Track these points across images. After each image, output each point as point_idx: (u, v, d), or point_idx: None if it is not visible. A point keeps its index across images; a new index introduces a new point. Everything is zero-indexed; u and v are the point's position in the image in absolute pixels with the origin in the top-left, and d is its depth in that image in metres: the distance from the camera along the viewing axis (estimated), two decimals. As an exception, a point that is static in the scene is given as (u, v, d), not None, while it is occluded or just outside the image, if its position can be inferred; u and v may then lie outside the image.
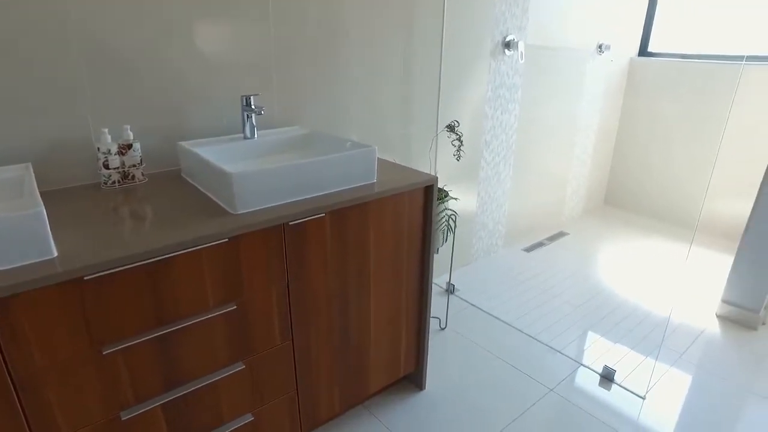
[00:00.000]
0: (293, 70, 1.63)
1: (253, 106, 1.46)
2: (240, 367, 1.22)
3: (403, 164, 1.90)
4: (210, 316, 1.12)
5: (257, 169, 1.15)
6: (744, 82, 2.88)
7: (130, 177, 1.34)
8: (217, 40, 1.47)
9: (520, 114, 2.63)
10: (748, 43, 2.91)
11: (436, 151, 2.12)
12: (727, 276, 2.30)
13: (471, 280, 2.55)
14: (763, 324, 2.28)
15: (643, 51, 3.28)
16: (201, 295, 1.09)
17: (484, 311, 2.28)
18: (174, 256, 1.02)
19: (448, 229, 1.86)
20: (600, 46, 2.95)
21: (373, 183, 1.38)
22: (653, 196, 3.43)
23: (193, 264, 1.05)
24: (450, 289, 2.37)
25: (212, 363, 1.17)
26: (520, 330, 2.15)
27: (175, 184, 1.36)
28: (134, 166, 1.34)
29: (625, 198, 3.58)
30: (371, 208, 1.34)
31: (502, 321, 2.21)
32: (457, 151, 1.86)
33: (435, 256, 1.70)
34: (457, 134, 1.81)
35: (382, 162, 1.59)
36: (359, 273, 1.39)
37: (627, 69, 3.30)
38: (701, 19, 3.05)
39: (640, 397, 1.80)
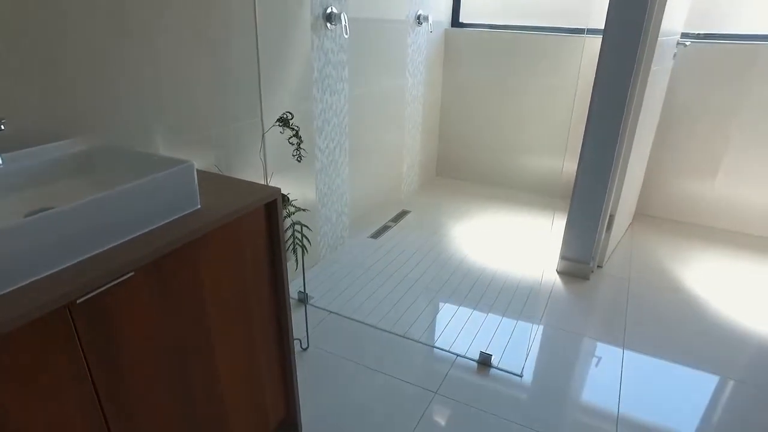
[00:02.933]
0: (58, 62, 1.14)
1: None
2: None
3: (228, 174, 1.54)
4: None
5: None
6: (550, 49, 3.09)
7: None
8: None
9: (350, 93, 2.42)
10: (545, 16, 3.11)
11: (264, 153, 1.78)
12: (563, 233, 2.44)
13: (323, 283, 2.30)
14: (592, 272, 2.49)
15: (456, 22, 3.31)
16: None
17: (344, 317, 2.06)
18: None
19: (298, 246, 1.57)
20: (419, 17, 2.86)
21: (197, 210, 1.02)
22: (480, 163, 3.56)
23: None
24: (304, 299, 2.09)
25: None
26: (386, 331, 1.99)
27: None
28: None
29: (455, 167, 3.67)
30: (200, 246, 0.98)
31: (367, 324, 2.02)
32: (297, 149, 1.55)
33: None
34: (293, 129, 1.50)
35: (203, 176, 1.21)
36: (196, 331, 1.03)
37: (443, 39, 3.31)
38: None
39: (518, 375, 1.77)
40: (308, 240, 1.64)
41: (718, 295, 2.33)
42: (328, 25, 2.11)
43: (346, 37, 2.22)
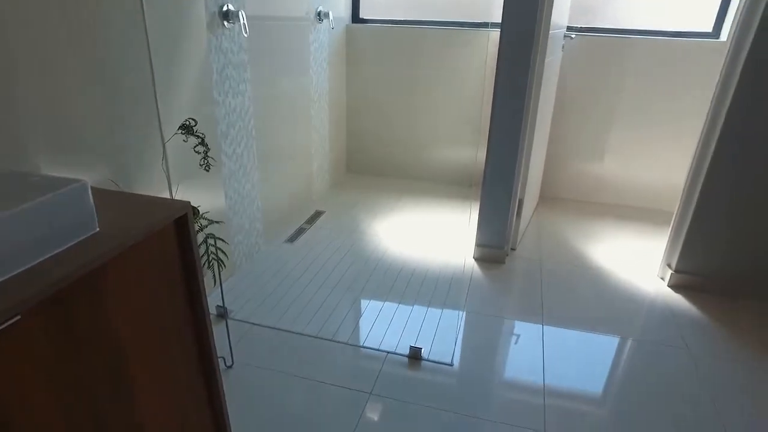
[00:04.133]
0: None
1: None
2: None
3: (129, 190, 1.40)
4: None
5: None
6: (456, 43, 3.17)
7: None
8: None
9: (254, 94, 2.31)
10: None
11: (167, 164, 1.64)
12: (477, 221, 2.52)
13: (242, 294, 2.19)
14: (507, 256, 2.60)
15: (356, 17, 3.29)
16: None
17: (268, 327, 1.98)
18: None
19: (214, 260, 1.46)
20: (319, 14, 2.80)
21: (96, 234, 0.90)
22: (391, 158, 3.59)
23: None
24: (223, 314, 1.97)
25: None
26: (313, 336, 1.93)
27: None
28: None
29: (367, 163, 3.66)
30: (102, 274, 0.87)
31: (292, 332, 1.95)
32: (204, 158, 1.44)
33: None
34: (198, 137, 1.39)
35: (100, 194, 1.08)
36: (107, 372, 0.92)
37: (345, 36, 3.28)
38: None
39: (448, 364, 1.80)
40: (225, 253, 1.54)
41: (616, 264, 2.53)
42: (226, 23, 2.00)
43: (245, 36, 2.12)
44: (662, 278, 2.44)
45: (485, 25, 3.08)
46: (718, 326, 2.09)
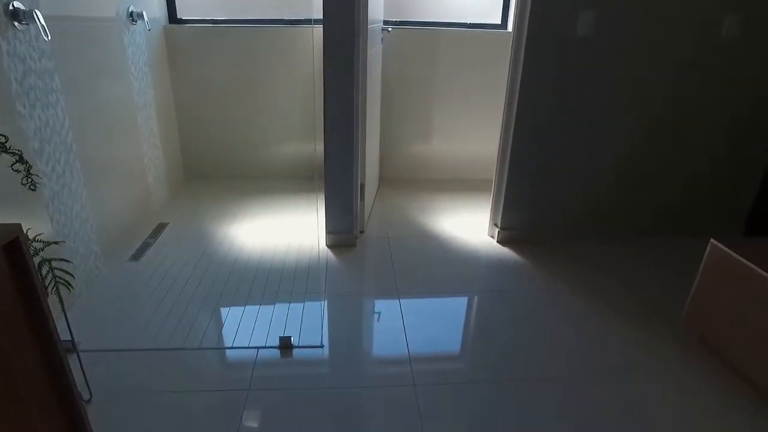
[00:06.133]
0: None
1: None
2: None
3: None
4: None
5: None
6: (283, 40, 3.20)
7: None
8: None
9: (68, 106, 2.10)
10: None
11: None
12: (324, 210, 2.63)
13: (89, 323, 2.01)
14: (357, 239, 2.76)
15: (174, 18, 3.14)
16: None
17: (126, 350, 1.86)
18: None
19: (61, 284, 1.33)
20: (132, 14, 2.62)
21: None
22: (231, 160, 3.52)
23: None
24: (72, 347, 1.79)
25: None
26: (178, 348, 1.87)
27: None
28: None
29: (206, 169, 3.54)
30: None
31: (153, 350, 1.86)
32: (27, 176, 1.29)
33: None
34: (13, 154, 1.24)
35: None
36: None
37: (164, 37, 3.11)
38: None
39: (319, 346, 1.89)
40: (71, 275, 1.42)
41: (453, 231, 2.86)
42: (17, 24, 1.79)
43: (47, 39, 1.92)
44: (492, 236, 2.82)
45: (308, 21, 3.18)
46: (540, 269, 2.51)
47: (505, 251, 2.68)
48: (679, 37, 2.39)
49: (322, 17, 2.20)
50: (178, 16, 3.16)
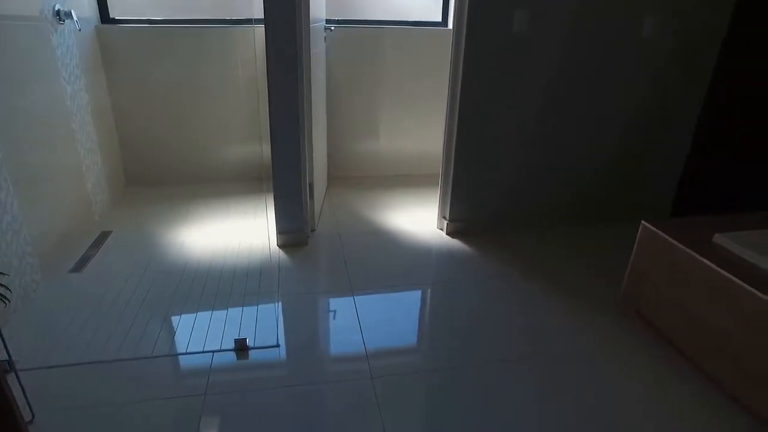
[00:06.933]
0: None
1: None
2: None
3: None
4: None
5: None
6: (224, 40, 3.13)
7: None
8: None
9: (-6, 111, 1.99)
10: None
11: None
12: (274, 210, 2.61)
13: (28, 340, 1.91)
14: (309, 237, 2.76)
15: (106, 17, 3.01)
16: None
17: (72, 365, 1.78)
18: None
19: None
20: (58, 13, 2.49)
21: None
22: (176, 164, 3.42)
23: None
24: (9, 367, 1.70)
25: None
26: (128, 359, 1.81)
27: None
28: None
29: (148, 174, 3.42)
30: None
31: (101, 362, 1.79)
32: None
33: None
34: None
35: None
36: None
37: (96, 38, 2.98)
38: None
39: (275, 346, 1.89)
40: (8, 288, 1.34)
41: (404, 226, 2.91)
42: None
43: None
44: (441, 229, 2.89)
45: (249, 21, 3.14)
46: (488, 257, 2.60)
47: (454, 242, 2.76)
48: (603, 35, 2.54)
49: (263, 17, 2.19)
50: (111, 16, 3.03)
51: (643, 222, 1.98)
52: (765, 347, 1.49)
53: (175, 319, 2.06)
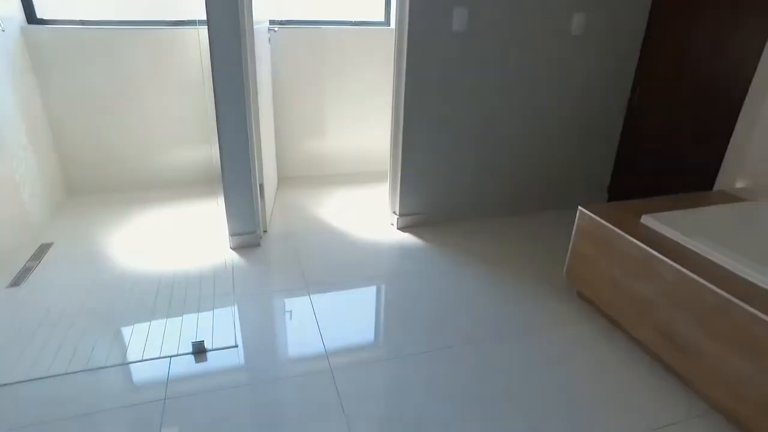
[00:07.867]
0: None
1: None
2: None
3: None
4: None
5: None
6: (167, 42, 3.05)
7: None
8: None
9: None
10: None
11: None
12: (225, 213, 2.60)
13: (-30, 358, 1.82)
14: (261, 238, 2.76)
15: (33, 18, 2.87)
16: None
17: (17, 383, 1.72)
18: None
19: None
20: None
21: None
22: (121, 171, 3.30)
23: None
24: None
25: None
26: (75, 372, 1.77)
27: None
28: None
29: (92, 182, 3.29)
30: None
31: (51, 377, 1.74)
32: None
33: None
34: None
35: None
36: None
37: (23, 40, 2.83)
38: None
39: (234, 346, 1.89)
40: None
41: (355, 223, 2.96)
42: None
43: None
44: (392, 224, 2.96)
45: (193, 22, 3.08)
46: (438, 248, 2.69)
47: (405, 236, 2.84)
48: (537, 31, 2.69)
49: (206, 18, 2.17)
50: (38, 16, 2.89)
51: (579, 207, 2.13)
52: (685, 315, 1.65)
53: (128, 329, 2.01)
